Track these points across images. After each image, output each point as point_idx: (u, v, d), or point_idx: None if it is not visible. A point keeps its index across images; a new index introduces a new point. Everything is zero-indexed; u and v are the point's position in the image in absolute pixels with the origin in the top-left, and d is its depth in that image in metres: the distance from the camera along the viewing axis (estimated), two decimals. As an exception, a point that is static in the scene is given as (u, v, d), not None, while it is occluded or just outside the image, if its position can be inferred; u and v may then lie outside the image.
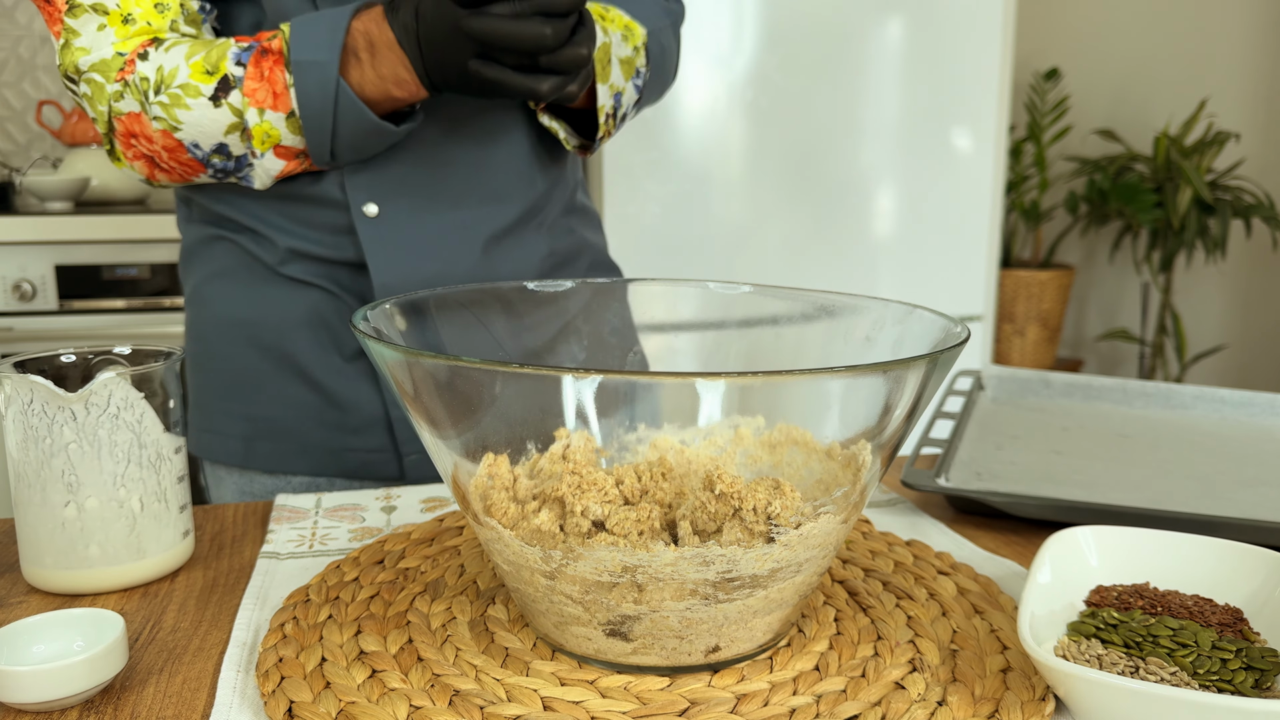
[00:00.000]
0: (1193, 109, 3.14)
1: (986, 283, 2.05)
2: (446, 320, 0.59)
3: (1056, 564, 0.52)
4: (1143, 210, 3.04)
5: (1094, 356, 3.55)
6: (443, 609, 0.54)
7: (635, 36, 0.84)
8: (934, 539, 0.67)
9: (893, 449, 0.48)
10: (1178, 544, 0.54)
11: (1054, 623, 0.49)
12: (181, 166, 0.75)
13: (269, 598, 0.57)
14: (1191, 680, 0.44)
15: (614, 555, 0.44)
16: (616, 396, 0.53)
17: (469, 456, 0.48)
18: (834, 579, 0.58)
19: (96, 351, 0.61)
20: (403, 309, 0.56)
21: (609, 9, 0.83)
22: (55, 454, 0.55)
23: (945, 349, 0.45)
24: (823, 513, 0.46)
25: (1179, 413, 0.94)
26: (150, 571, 0.59)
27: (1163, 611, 0.50)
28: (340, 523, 0.69)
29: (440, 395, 0.45)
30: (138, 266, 1.93)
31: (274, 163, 0.74)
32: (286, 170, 0.75)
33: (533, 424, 0.51)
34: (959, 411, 0.89)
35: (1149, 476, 0.76)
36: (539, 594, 0.47)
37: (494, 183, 0.82)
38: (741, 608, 0.46)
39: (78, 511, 0.56)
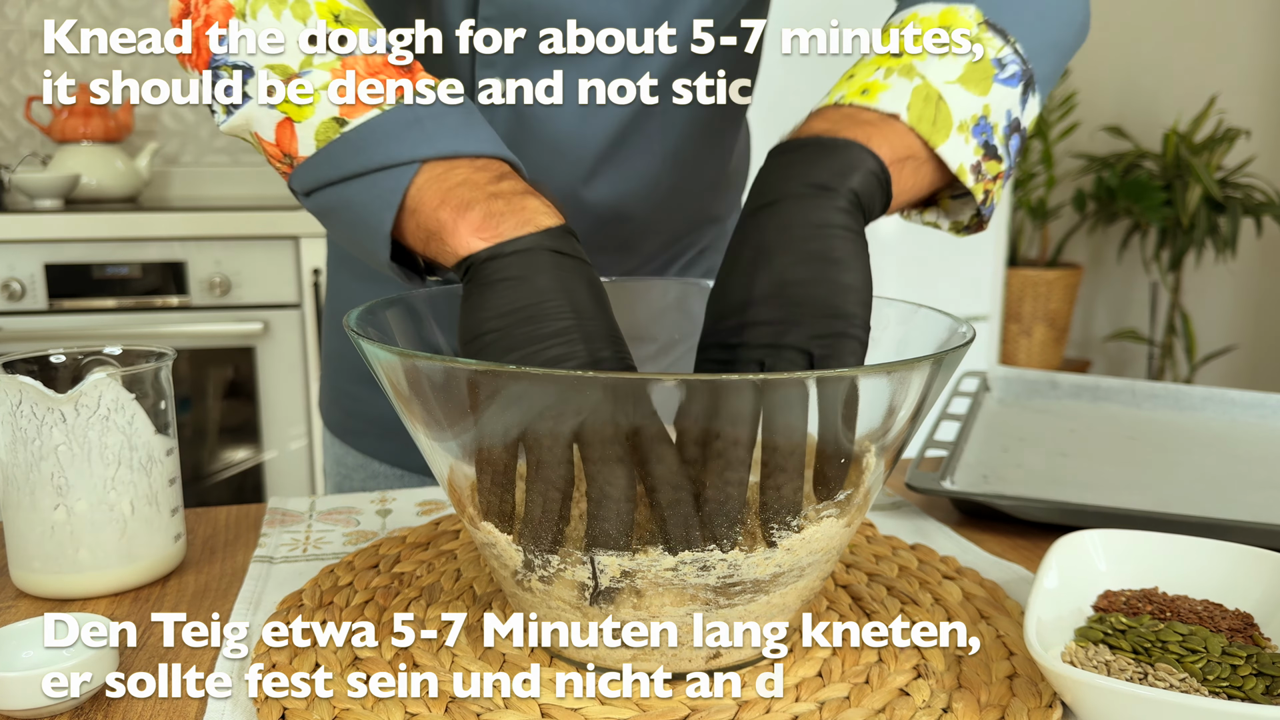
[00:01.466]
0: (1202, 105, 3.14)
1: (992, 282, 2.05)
2: (443, 320, 0.59)
3: (1064, 568, 0.52)
4: (1151, 208, 3.04)
5: (1102, 357, 3.55)
6: (438, 614, 0.54)
7: (961, 23, 0.55)
8: (939, 543, 0.66)
9: (897, 451, 0.48)
10: (1187, 548, 0.54)
11: (1061, 628, 0.49)
12: (197, 47, 0.55)
13: (262, 602, 0.57)
14: (1201, 687, 0.44)
15: (613, 560, 0.44)
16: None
17: (466, 459, 0.48)
18: (837, 583, 0.58)
19: (86, 352, 0.61)
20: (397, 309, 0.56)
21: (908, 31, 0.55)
22: (44, 456, 0.55)
23: (950, 350, 0.45)
24: (825, 516, 0.46)
25: (1188, 414, 0.94)
26: (141, 576, 0.59)
27: (1172, 617, 0.50)
28: (335, 526, 0.69)
29: (436, 397, 0.45)
30: (129, 265, 1.93)
31: (251, 124, 0.54)
32: (250, 141, 0.56)
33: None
34: (965, 413, 0.89)
35: (1158, 479, 0.76)
36: (536, 599, 0.47)
37: None
38: (743, 613, 0.46)
39: (67, 515, 0.56)
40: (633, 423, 0.44)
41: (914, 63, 0.53)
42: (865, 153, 0.50)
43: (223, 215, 1.94)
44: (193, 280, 1.95)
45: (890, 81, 0.53)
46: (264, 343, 1.99)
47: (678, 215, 0.81)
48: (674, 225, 0.81)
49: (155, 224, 1.93)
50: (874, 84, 0.53)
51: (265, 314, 1.98)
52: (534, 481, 0.44)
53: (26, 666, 0.46)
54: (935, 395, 0.47)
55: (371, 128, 0.50)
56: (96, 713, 0.46)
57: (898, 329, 0.57)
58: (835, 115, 0.53)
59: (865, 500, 0.48)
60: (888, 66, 0.53)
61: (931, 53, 0.54)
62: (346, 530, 0.68)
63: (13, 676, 0.43)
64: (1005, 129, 0.55)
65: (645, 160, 0.74)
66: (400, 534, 0.64)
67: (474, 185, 0.49)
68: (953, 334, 0.53)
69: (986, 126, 0.54)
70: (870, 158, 0.50)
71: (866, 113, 0.52)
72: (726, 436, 0.43)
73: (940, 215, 0.59)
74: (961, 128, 0.53)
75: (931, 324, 0.55)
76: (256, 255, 1.96)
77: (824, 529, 0.46)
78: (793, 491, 0.44)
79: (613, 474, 0.44)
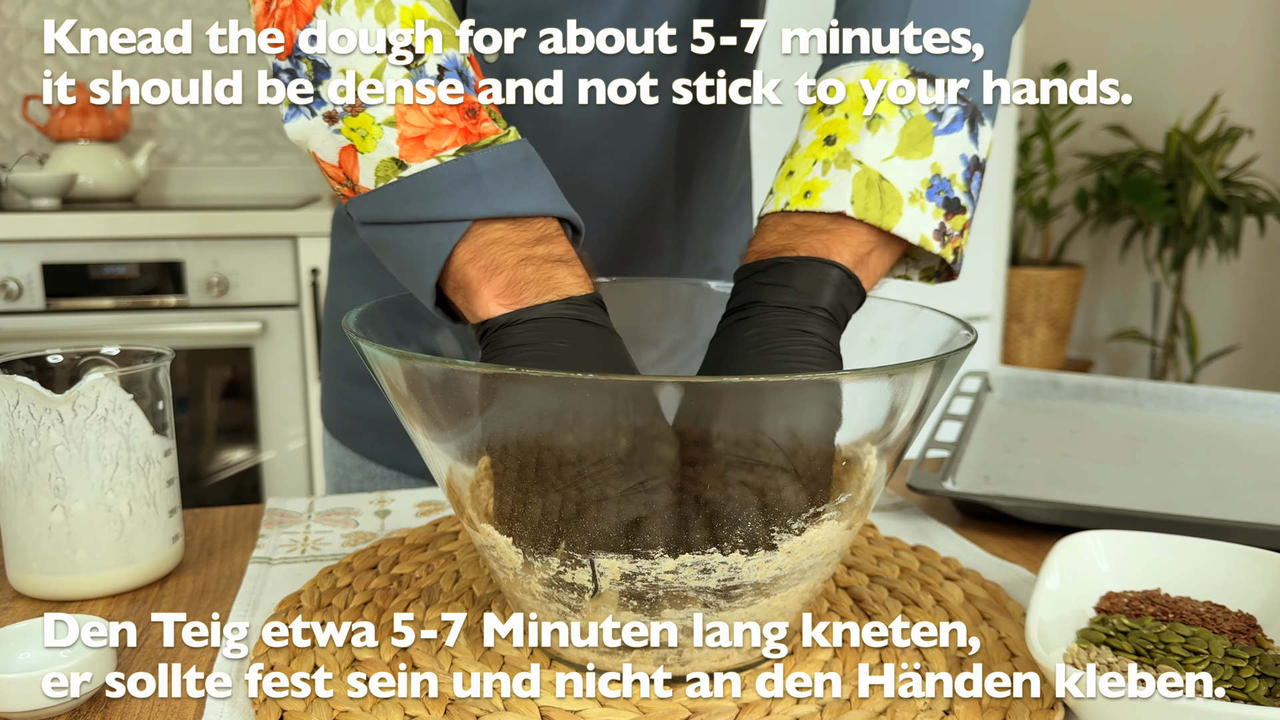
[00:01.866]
0: (1205, 104, 3.14)
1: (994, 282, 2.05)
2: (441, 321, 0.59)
3: (1066, 570, 0.52)
4: (1154, 208, 3.04)
5: (1104, 357, 3.55)
6: (438, 616, 0.54)
7: (913, 104, 0.53)
8: (940, 544, 0.67)
9: (898, 453, 0.48)
10: (1190, 549, 0.54)
11: (1063, 630, 0.49)
12: (282, 33, 0.53)
13: (260, 604, 0.57)
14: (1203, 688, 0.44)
15: (613, 563, 0.44)
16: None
17: (465, 460, 0.48)
18: (838, 585, 0.58)
19: (84, 352, 0.61)
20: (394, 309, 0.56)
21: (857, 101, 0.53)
22: (42, 457, 0.55)
23: (952, 351, 0.45)
24: (826, 518, 0.46)
25: (1191, 415, 0.94)
26: (139, 577, 0.59)
27: (1174, 618, 0.50)
28: (333, 527, 0.69)
29: (436, 399, 0.45)
30: (126, 265, 1.93)
31: (310, 142, 0.53)
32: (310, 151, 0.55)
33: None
34: (966, 413, 0.89)
35: (1160, 480, 0.76)
36: (536, 601, 0.47)
37: None
38: (744, 615, 0.46)
39: (65, 516, 0.56)
40: (634, 424, 0.44)
41: (847, 147, 0.52)
42: (827, 267, 0.50)
43: (221, 215, 1.95)
44: (190, 280, 1.95)
45: (830, 177, 0.52)
46: (262, 343, 1.99)
47: (684, 206, 0.81)
48: (682, 217, 0.81)
49: (153, 223, 1.93)
50: (815, 183, 0.52)
51: (263, 314, 1.98)
52: (533, 483, 0.44)
53: (25, 668, 0.46)
54: (937, 397, 0.47)
55: (429, 178, 0.49)
56: (95, 713, 0.46)
57: (900, 330, 0.57)
58: (787, 227, 0.52)
59: (867, 502, 0.48)
60: (824, 160, 0.52)
61: (862, 135, 0.52)
62: (345, 531, 0.68)
63: (10, 679, 0.43)
64: (964, 175, 0.54)
65: (646, 139, 0.75)
66: (399, 535, 0.64)
67: (508, 245, 0.49)
68: (955, 336, 0.53)
69: (943, 184, 0.53)
70: (833, 269, 0.50)
71: (815, 218, 0.52)
72: (727, 438, 0.43)
73: (909, 266, 0.58)
74: (914, 198, 0.52)
75: (933, 325, 0.55)
76: (254, 255, 1.96)
77: (825, 531, 0.46)
78: (794, 494, 0.45)
79: (613, 476, 0.44)
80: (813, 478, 0.45)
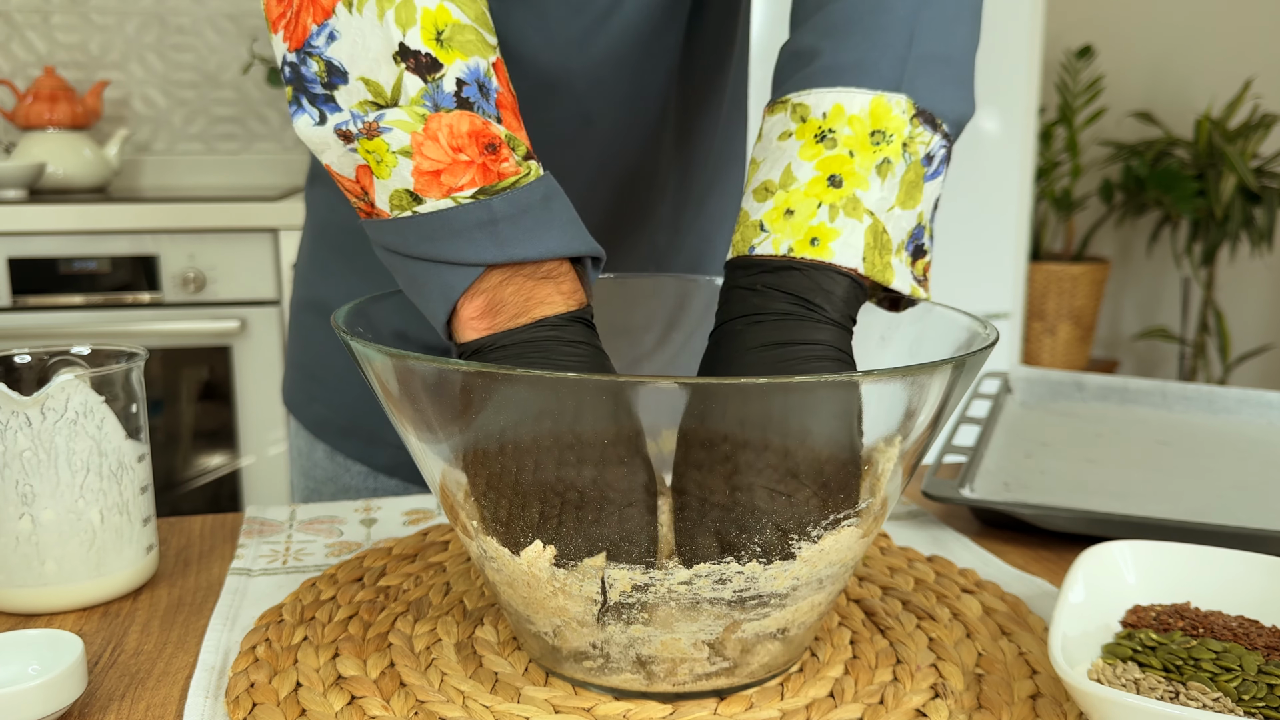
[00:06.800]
0: (1237, 89, 3.14)
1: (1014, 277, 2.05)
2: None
3: (1090, 582, 0.52)
4: (1183, 199, 3.04)
5: (1130, 357, 3.56)
6: (427, 630, 0.54)
7: (895, 124, 0.52)
8: (958, 554, 0.67)
9: (915, 459, 0.48)
10: (1221, 561, 0.54)
11: (1088, 645, 0.49)
12: (294, 25, 0.52)
13: (239, 618, 0.57)
14: (1236, 707, 0.44)
15: (623, 574, 0.44)
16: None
17: (458, 464, 0.48)
18: (849, 598, 0.58)
19: (53, 352, 0.61)
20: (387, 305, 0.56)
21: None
22: (8, 463, 0.55)
23: (971, 353, 0.45)
24: (846, 525, 0.46)
25: (1222, 417, 0.95)
26: (111, 589, 0.59)
27: (1205, 633, 0.50)
28: (316, 537, 0.69)
29: (429, 398, 0.45)
30: (97, 260, 1.93)
31: (324, 154, 0.52)
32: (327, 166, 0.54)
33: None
34: (985, 417, 0.89)
35: (1190, 487, 0.76)
36: (536, 615, 0.47)
37: None
38: (757, 629, 0.46)
39: (33, 525, 0.56)
40: (634, 426, 0.44)
41: (857, 193, 0.51)
42: (836, 274, 0.51)
43: (197, 206, 1.95)
44: (165, 275, 1.95)
45: (839, 225, 0.51)
46: (241, 342, 2.00)
47: (684, 145, 0.82)
48: (682, 154, 0.83)
49: (125, 216, 1.93)
50: (821, 230, 0.51)
51: (242, 311, 1.98)
52: (534, 487, 0.44)
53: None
54: (956, 401, 0.47)
55: (445, 219, 0.49)
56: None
57: (911, 328, 0.57)
58: (795, 283, 0.51)
59: (883, 509, 0.48)
60: (831, 204, 0.51)
61: (872, 181, 0.52)
62: (329, 541, 0.68)
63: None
64: (930, 216, 0.54)
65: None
66: (386, 545, 0.64)
67: (512, 282, 0.50)
68: (972, 335, 0.53)
69: (919, 231, 0.53)
70: (842, 276, 0.51)
71: (828, 275, 0.51)
72: (735, 440, 0.43)
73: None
74: (899, 249, 0.52)
75: (948, 323, 0.55)
76: (233, 249, 1.96)
77: (844, 539, 0.46)
78: (809, 500, 0.45)
79: (614, 478, 0.44)
80: (840, 483, 0.46)
